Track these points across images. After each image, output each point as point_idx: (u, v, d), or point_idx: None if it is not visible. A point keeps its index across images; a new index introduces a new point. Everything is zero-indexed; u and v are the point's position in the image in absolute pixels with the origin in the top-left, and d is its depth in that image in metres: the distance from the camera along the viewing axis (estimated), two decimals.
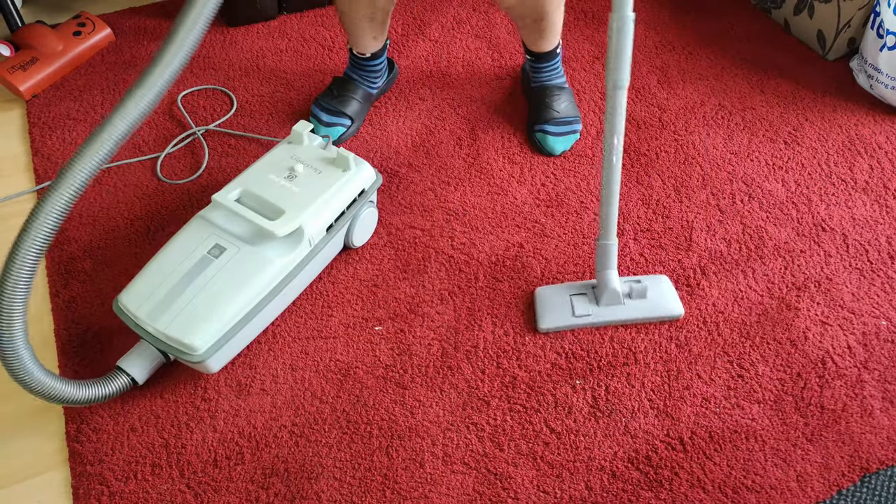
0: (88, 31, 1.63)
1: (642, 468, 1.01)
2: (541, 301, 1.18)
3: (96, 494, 0.99)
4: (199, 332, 1.01)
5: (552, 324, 1.15)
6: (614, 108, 1.03)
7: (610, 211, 1.10)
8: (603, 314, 1.15)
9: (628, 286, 1.16)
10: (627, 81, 1.01)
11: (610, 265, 1.14)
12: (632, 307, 1.16)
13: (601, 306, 1.16)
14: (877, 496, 0.99)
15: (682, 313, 1.16)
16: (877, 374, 1.11)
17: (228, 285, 1.04)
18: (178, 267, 1.06)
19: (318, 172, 1.17)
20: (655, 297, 1.17)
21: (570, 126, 1.42)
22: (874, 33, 1.48)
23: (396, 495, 0.99)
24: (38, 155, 1.42)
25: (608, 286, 1.14)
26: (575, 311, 1.15)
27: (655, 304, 1.16)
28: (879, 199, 1.35)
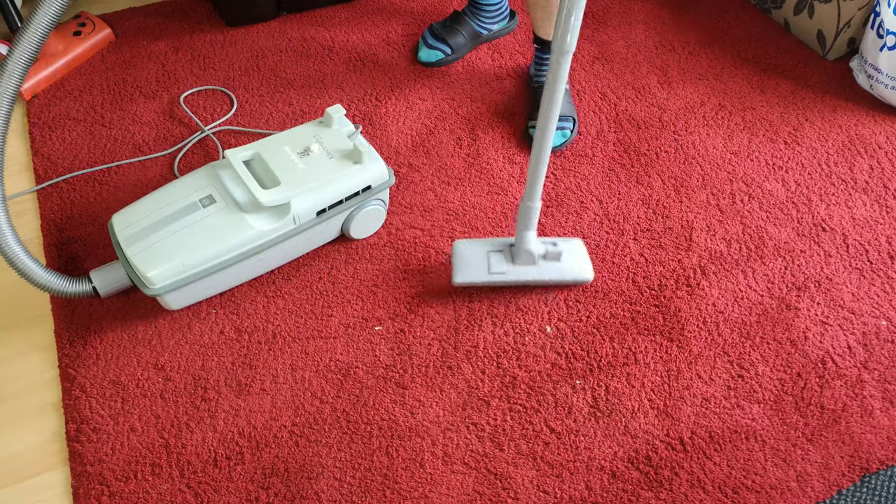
0: (88, 31, 1.63)
1: (642, 468, 1.01)
2: (458, 255, 1.19)
3: (96, 494, 0.99)
4: (159, 267, 1.07)
5: (466, 278, 1.17)
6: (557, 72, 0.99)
7: (538, 173, 1.09)
8: (517, 273, 1.17)
9: (544, 248, 1.17)
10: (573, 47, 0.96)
11: (530, 226, 1.15)
12: (545, 268, 1.17)
13: (516, 265, 1.17)
14: (877, 496, 0.99)
15: (591, 278, 1.19)
16: (877, 374, 1.11)
17: (203, 235, 1.10)
18: (169, 205, 1.12)
19: (330, 157, 1.19)
20: (568, 261, 1.19)
21: (562, 122, 1.42)
22: (874, 33, 1.48)
23: (396, 495, 0.99)
24: (38, 155, 1.42)
25: (525, 247, 1.16)
26: (491, 267, 1.17)
27: (568, 268, 1.18)
28: (879, 199, 1.35)
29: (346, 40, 1.67)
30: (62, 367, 1.12)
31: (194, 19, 1.74)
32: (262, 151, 1.18)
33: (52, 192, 1.35)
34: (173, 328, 1.16)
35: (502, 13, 1.61)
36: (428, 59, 1.58)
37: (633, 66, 1.62)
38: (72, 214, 1.32)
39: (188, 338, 1.15)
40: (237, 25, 1.71)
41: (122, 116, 1.50)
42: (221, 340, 1.14)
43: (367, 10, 1.75)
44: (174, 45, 1.66)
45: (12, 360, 1.14)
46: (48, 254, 1.26)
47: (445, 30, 1.58)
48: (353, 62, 1.62)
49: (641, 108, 1.52)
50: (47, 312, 1.19)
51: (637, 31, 1.71)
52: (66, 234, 1.29)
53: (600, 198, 1.35)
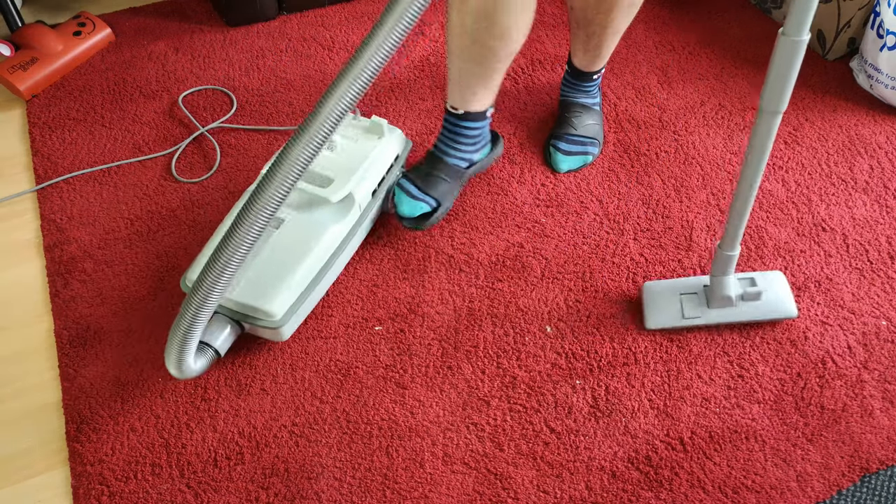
0: (88, 31, 1.63)
1: (642, 468, 1.01)
2: (649, 297, 1.15)
3: (96, 494, 0.99)
4: (274, 298, 1.05)
5: (659, 324, 1.14)
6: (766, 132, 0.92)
7: (740, 223, 1.03)
8: (712, 316, 1.13)
9: (742, 289, 1.12)
10: (784, 107, 0.89)
11: (728, 272, 1.10)
12: (743, 310, 1.13)
13: (711, 308, 1.13)
14: (877, 496, 0.99)
15: (795, 314, 1.13)
16: (877, 374, 1.11)
17: (293, 252, 1.09)
18: None
19: (355, 141, 1.20)
20: (768, 299, 1.13)
21: (582, 146, 1.38)
22: (874, 33, 1.48)
23: (396, 495, 0.99)
24: (38, 155, 1.42)
25: (724, 293, 1.11)
26: (684, 312, 1.13)
27: (768, 308, 1.13)
28: (879, 199, 1.35)
29: (346, 40, 1.67)
30: (62, 367, 1.12)
31: (194, 19, 1.74)
32: None
33: (52, 192, 1.36)
34: None
35: (486, 138, 1.31)
36: (412, 213, 1.24)
37: (633, 66, 1.62)
38: (72, 214, 1.32)
39: None
40: (237, 25, 1.71)
41: (122, 116, 1.50)
42: None
43: (367, 10, 1.75)
44: (174, 45, 1.66)
45: (12, 360, 1.14)
46: (48, 254, 1.26)
47: (423, 180, 1.26)
48: None
49: (641, 108, 1.52)
50: (47, 312, 1.19)
51: (637, 31, 1.71)
52: (66, 234, 1.29)
53: (600, 198, 1.35)
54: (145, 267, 1.24)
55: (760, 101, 0.89)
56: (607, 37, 1.28)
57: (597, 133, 1.41)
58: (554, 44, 1.66)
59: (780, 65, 0.84)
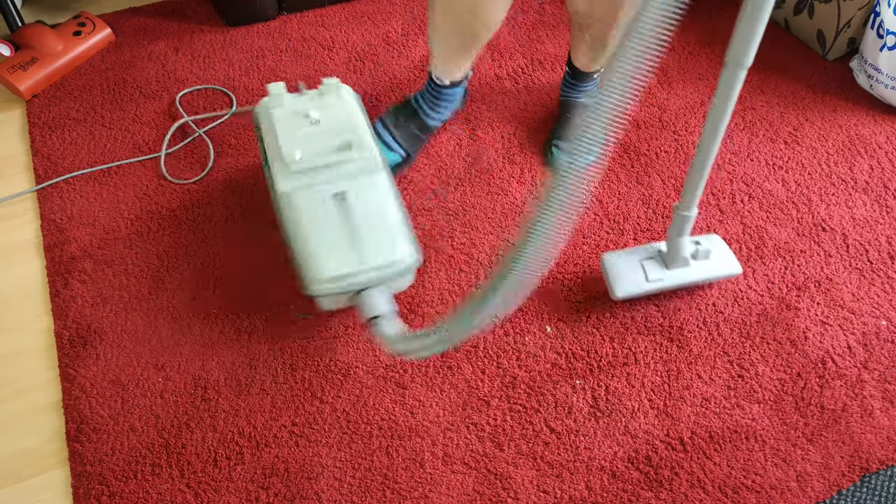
0: (88, 31, 1.63)
1: (642, 468, 1.01)
2: (611, 268, 1.17)
3: (96, 494, 0.99)
4: (402, 244, 1.06)
5: (627, 291, 1.15)
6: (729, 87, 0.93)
7: (698, 184, 1.06)
8: (673, 277, 1.17)
9: (694, 248, 1.17)
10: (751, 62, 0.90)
11: (684, 233, 1.13)
12: (698, 269, 1.17)
13: (671, 269, 1.17)
14: (877, 496, 0.99)
15: (740, 271, 1.20)
16: (877, 374, 1.11)
17: (376, 207, 1.09)
18: (330, 226, 1.07)
19: (330, 108, 1.18)
20: (716, 258, 1.19)
21: None
22: (874, 33, 1.48)
23: (396, 495, 0.99)
24: (38, 155, 1.42)
25: (681, 254, 1.15)
26: (648, 276, 1.16)
27: (718, 266, 1.19)
28: (879, 199, 1.35)
29: (346, 40, 1.67)
30: (62, 367, 1.12)
31: (194, 19, 1.74)
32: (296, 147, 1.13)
33: (52, 192, 1.36)
34: (173, 328, 1.16)
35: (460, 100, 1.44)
36: None
37: None
38: (72, 214, 1.32)
39: (188, 338, 1.15)
40: (237, 25, 1.71)
41: (122, 116, 1.50)
42: (221, 340, 1.14)
43: (367, 10, 1.75)
44: (174, 45, 1.66)
45: (12, 360, 1.14)
46: (48, 254, 1.26)
47: (398, 129, 1.36)
48: (353, 62, 1.62)
49: (641, 108, 1.52)
50: (47, 312, 1.19)
51: None
52: (66, 234, 1.29)
53: (600, 198, 1.35)
54: (145, 267, 1.24)
55: (727, 55, 0.90)
56: (612, 35, 1.29)
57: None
58: (554, 44, 1.66)
59: (747, 17, 0.86)
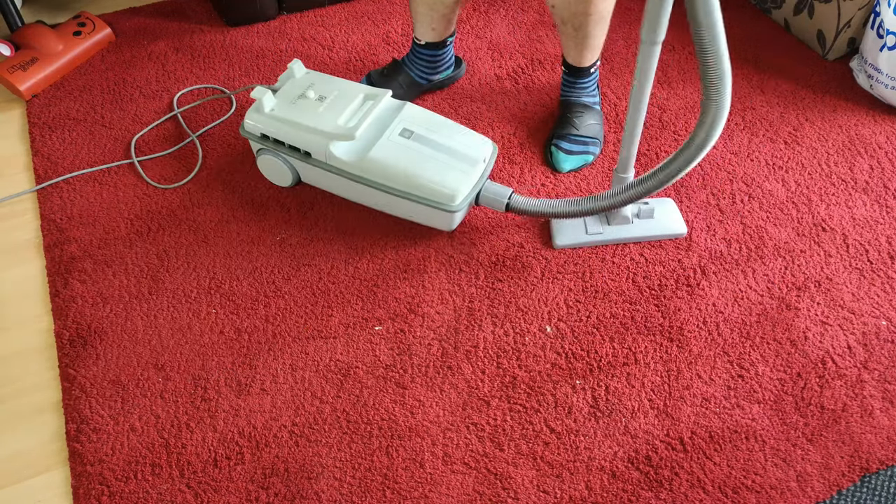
0: (88, 31, 1.63)
1: (642, 468, 1.01)
2: (556, 221, 1.27)
3: (96, 494, 0.99)
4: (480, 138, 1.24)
5: (566, 241, 1.24)
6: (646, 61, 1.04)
7: (632, 148, 1.16)
8: (613, 232, 1.25)
9: (637, 207, 1.25)
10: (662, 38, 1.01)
11: None
12: (640, 226, 1.25)
13: (613, 226, 1.25)
14: (877, 496, 0.99)
15: (684, 232, 1.26)
16: (877, 374, 1.11)
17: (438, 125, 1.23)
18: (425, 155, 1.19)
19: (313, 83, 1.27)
20: (661, 218, 1.26)
21: (584, 146, 1.39)
22: (874, 33, 1.48)
23: (396, 495, 0.99)
24: (38, 155, 1.42)
25: (620, 212, 1.23)
26: (588, 229, 1.24)
27: (661, 224, 1.26)
28: (879, 199, 1.35)
29: (346, 40, 1.67)
30: (62, 367, 1.12)
31: (194, 19, 1.74)
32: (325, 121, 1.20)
33: (52, 192, 1.36)
34: (173, 328, 1.16)
35: (446, 63, 1.51)
36: None
37: (633, 66, 1.61)
38: (72, 214, 1.32)
39: (188, 338, 1.15)
40: (237, 25, 1.71)
41: (122, 116, 1.50)
42: (221, 340, 1.14)
43: (367, 10, 1.75)
44: (174, 45, 1.66)
45: (12, 360, 1.14)
46: (48, 254, 1.26)
47: (382, 79, 1.49)
48: (353, 62, 1.62)
49: None
50: (47, 312, 1.19)
51: (637, 31, 1.70)
52: (66, 234, 1.29)
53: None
54: (145, 267, 1.24)
55: (641, 33, 1.00)
56: (594, 24, 1.30)
57: (598, 133, 1.42)
58: (554, 44, 1.66)
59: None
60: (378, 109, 1.23)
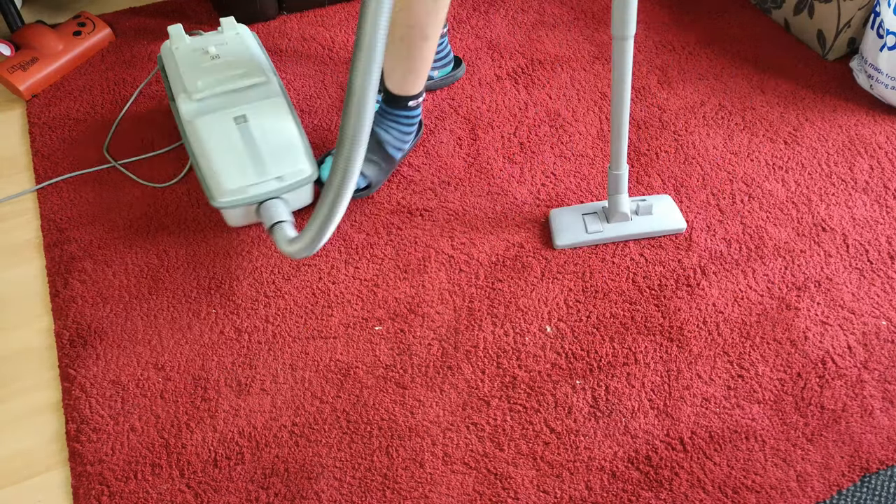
0: (88, 31, 1.63)
1: (642, 468, 1.01)
2: (555, 221, 1.28)
3: (96, 494, 0.99)
4: (299, 158, 1.20)
5: (567, 240, 1.25)
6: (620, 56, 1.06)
7: (620, 144, 1.17)
8: (613, 230, 1.25)
9: (635, 204, 1.26)
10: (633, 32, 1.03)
11: (620, 190, 1.23)
12: (639, 223, 1.26)
13: (612, 224, 1.26)
14: (877, 496, 0.99)
15: (684, 227, 1.27)
16: (877, 374, 1.11)
17: (276, 125, 1.21)
18: (232, 145, 1.18)
19: (228, 44, 1.31)
20: (659, 214, 1.28)
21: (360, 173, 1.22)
22: (874, 33, 1.48)
23: (396, 495, 0.99)
24: (38, 155, 1.42)
25: (619, 210, 1.24)
26: (588, 227, 1.25)
27: (660, 220, 1.27)
28: (879, 199, 1.35)
29: (346, 40, 1.67)
30: (62, 367, 1.12)
31: (194, 19, 1.74)
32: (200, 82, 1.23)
33: (52, 192, 1.36)
34: (173, 328, 1.16)
35: (443, 59, 1.50)
36: None
37: (634, 66, 1.61)
38: (72, 214, 1.32)
39: (188, 338, 1.15)
40: None
41: (122, 116, 1.49)
42: (221, 340, 1.14)
43: None
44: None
45: (12, 360, 1.14)
46: (48, 254, 1.26)
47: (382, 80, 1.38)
48: None
49: (641, 108, 1.52)
50: (47, 312, 1.19)
51: (637, 31, 1.70)
52: (66, 234, 1.29)
53: (600, 198, 1.35)
54: (145, 267, 1.24)
55: (612, 29, 1.02)
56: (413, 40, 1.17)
57: (373, 174, 1.31)
58: (554, 44, 1.66)
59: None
60: (242, 88, 1.24)
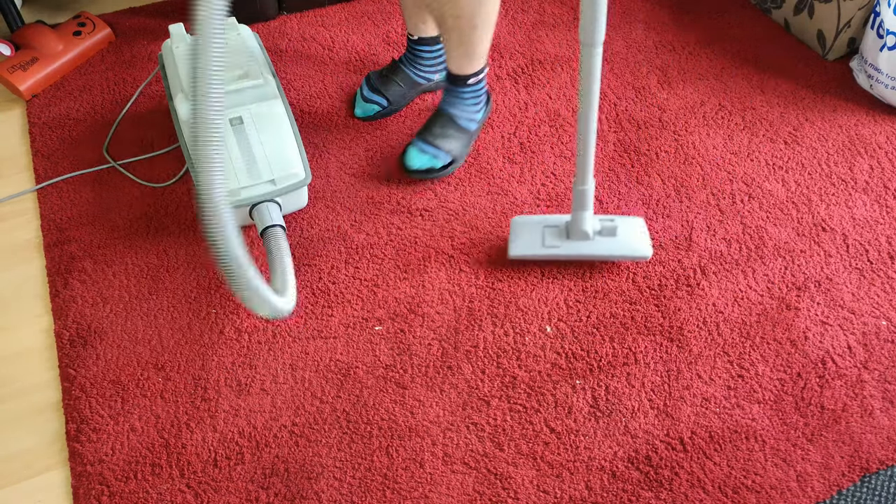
0: (88, 30, 1.63)
1: (642, 468, 1.01)
2: (515, 230, 1.22)
3: (96, 494, 0.99)
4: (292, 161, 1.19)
5: (520, 251, 1.20)
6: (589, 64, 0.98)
7: (587, 157, 1.11)
8: (571, 248, 1.18)
9: (600, 224, 1.19)
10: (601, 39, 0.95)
11: (585, 207, 1.16)
12: (600, 244, 1.19)
13: (571, 240, 1.19)
14: (877, 496, 0.99)
15: (649, 255, 1.20)
16: (877, 374, 1.11)
17: (272, 131, 1.21)
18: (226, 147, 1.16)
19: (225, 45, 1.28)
20: (624, 237, 1.19)
21: (434, 152, 1.34)
22: (874, 33, 1.48)
23: (396, 495, 0.99)
24: (38, 155, 1.42)
25: (580, 227, 1.17)
26: (545, 241, 1.18)
27: (623, 244, 1.19)
28: (879, 199, 1.35)
29: (346, 40, 1.67)
30: (62, 367, 1.12)
31: None
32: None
33: (52, 192, 1.36)
34: (173, 328, 1.16)
35: (443, 62, 1.45)
36: (364, 114, 1.47)
37: (633, 66, 1.62)
38: (72, 214, 1.32)
39: (188, 338, 1.15)
40: None
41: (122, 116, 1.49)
42: (221, 340, 1.14)
43: (367, 10, 1.75)
44: None
45: (12, 360, 1.14)
46: (48, 254, 1.26)
47: (381, 80, 1.46)
48: (353, 62, 1.62)
49: (641, 108, 1.52)
50: (47, 312, 1.19)
51: (637, 31, 1.71)
52: (66, 234, 1.29)
53: (600, 198, 1.35)
54: (145, 267, 1.24)
55: (580, 36, 0.95)
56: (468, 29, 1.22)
57: (453, 148, 1.36)
58: (554, 44, 1.66)
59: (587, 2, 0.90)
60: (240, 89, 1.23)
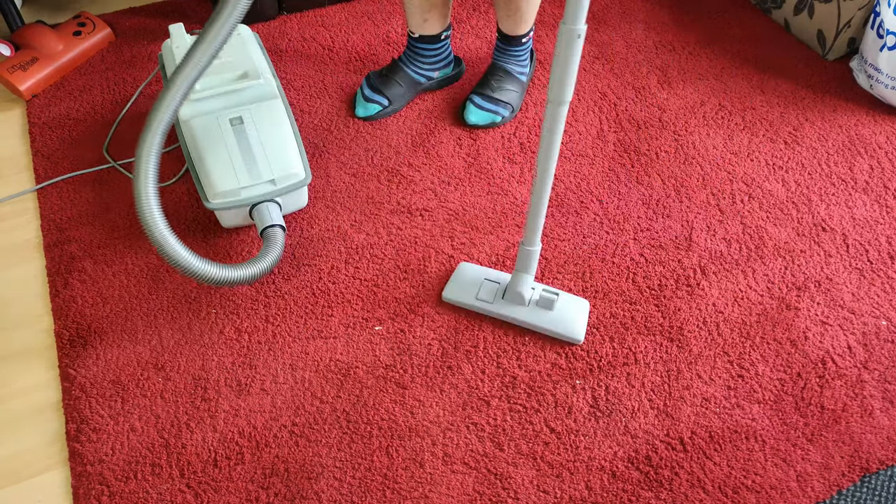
0: (88, 30, 1.63)
1: (642, 468, 1.01)
2: (457, 274, 1.21)
3: (96, 494, 0.99)
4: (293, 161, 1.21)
5: (453, 296, 1.18)
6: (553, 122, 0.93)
7: (538, 218, 1.06)
8: (502, 309, 1.15)
9: (539, 294, 1.14)
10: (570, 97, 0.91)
11: (527, 269, 1.13)
12: (532, 313, 1.14)
13: (504, 301, 1.16)
14: (877, 496, 0.99)
15: (580, 340, 1.13)
16: (877, 374, 1.11)
17: (272, 131, 1.22)
18: (227, 147, 1.18)
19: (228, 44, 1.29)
20: (560, 315, 1.14)
21: (494, 106, 1.45)
22: (874, 33, 1.48)
23: (396, 495, 0.99)
24: (38, 155, 1.42)
25: (516, 288, 1.14)
26: (479, 294, 1.17)
27: (556, 320, 1.13)
28: (879, 199, 1.35)
29: (346, 40, 1.67)
30: (62, 367, 1.12)
31: (194, 19, 1.74)
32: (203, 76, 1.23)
33: (52, 192, 1.36)
34: (173, 328, 1.16)
35: (443, 60, 1.51)
36: (366, 114, 1.48)
37: (633, 66, 1.62)
38: (72, 214, 1.32)
39: (188, 338, 1.15)
40: None
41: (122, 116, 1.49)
42: (221, 340, 1.14)
43: (367, 10, 1.75)
44: None
45: (12, 361, 1.14)
46: (48, 254, 1.26)
47: (382, 79, 1.48)
48: (353, 62, 1.62)
49: (641, 108, 1.52)
50: (47, 312, 1.19)
51: (637, 31, 1.71)
52: (66, 234, 1.29)
53: (600, 198, 1.35)
54: (145, 267, 1.24)
55: (548, 93, 0.90)
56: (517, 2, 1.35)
57: (512, 99, 1.48)
58: (553, 43, 1.66)
59: (561, 55, 0.86)
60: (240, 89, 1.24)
